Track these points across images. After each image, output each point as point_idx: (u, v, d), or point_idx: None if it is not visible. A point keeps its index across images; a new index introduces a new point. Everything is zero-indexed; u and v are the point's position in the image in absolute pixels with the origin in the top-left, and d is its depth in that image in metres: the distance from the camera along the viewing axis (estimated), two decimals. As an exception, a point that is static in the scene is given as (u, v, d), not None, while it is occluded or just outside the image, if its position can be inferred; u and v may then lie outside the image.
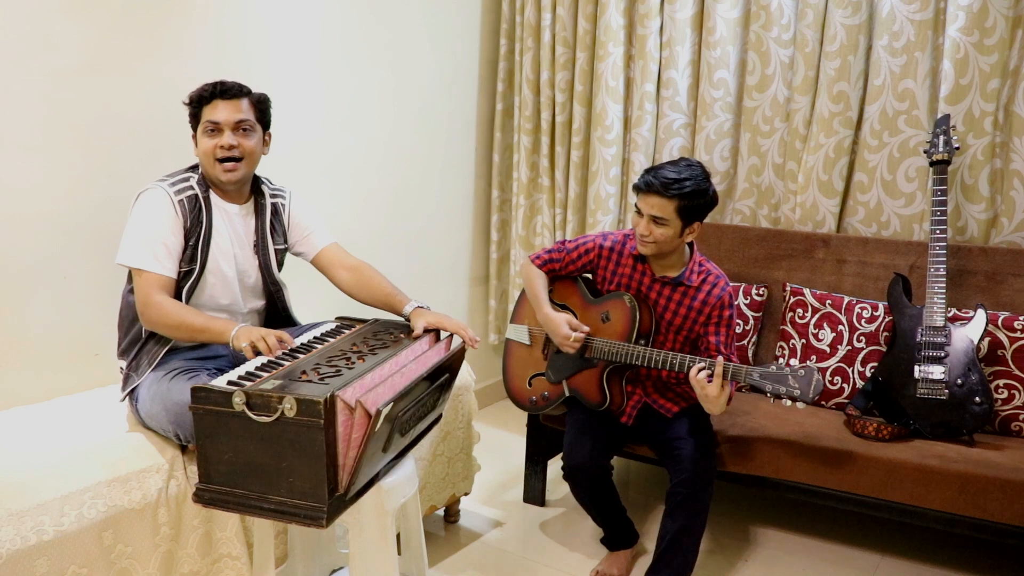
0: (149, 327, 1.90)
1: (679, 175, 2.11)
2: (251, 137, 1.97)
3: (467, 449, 2.56)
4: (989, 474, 2.09)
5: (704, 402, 2.10)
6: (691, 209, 2.12)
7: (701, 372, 2.06)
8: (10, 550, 1.55)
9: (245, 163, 1.96)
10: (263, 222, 2.08)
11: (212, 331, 1.84)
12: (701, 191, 2.12)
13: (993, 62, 2.53)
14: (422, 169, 3.27)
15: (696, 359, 2.10)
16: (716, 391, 2.04)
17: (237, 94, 1.95)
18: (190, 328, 1.85)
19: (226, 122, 1.92)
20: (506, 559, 2.48)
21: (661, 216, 2.12)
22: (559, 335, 2.27)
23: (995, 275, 2.54)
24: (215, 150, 1.93)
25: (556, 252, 2.40)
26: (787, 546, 2.58)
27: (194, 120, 1.97)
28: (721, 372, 2.04)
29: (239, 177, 1.97)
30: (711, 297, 2.23)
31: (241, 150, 1.94)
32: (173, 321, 1.85)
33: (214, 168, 1.94)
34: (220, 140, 1.92)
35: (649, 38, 3.08)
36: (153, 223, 1.88)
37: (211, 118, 1.92)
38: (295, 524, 1.61)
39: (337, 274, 2.16)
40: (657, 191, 2.11)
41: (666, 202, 2.11)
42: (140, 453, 1.82)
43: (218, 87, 1.93)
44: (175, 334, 1.89)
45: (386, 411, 1.56)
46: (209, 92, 1.93)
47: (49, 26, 2.07)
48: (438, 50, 3.25)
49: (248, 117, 1.96)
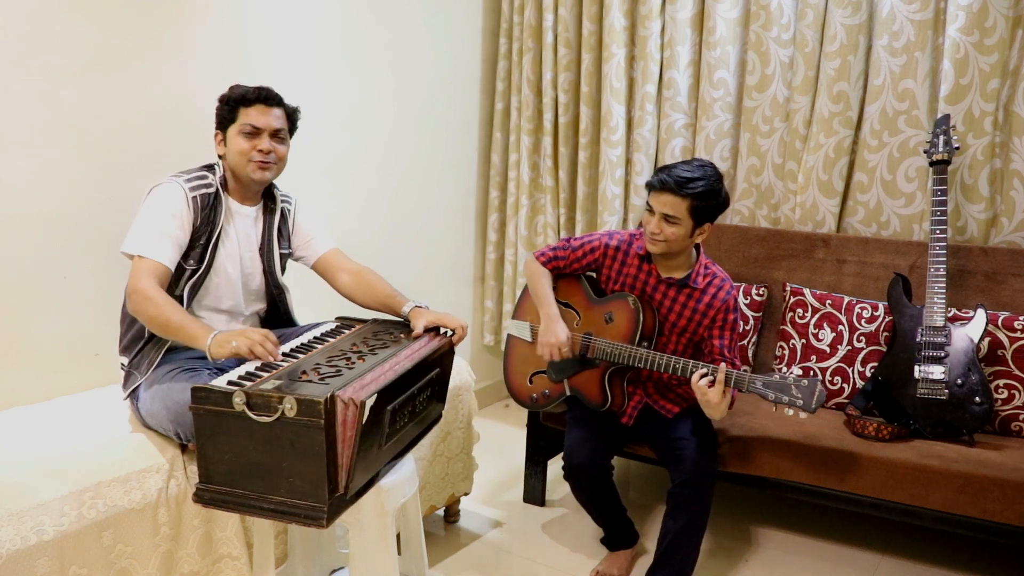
0: (131, 312, 1.86)
1: (692, 174, 2.11)
2: (285, 144, 2.02)
3: (467, 449, 2.56)
4: (989, 474, 2.09)
5: (705, 407, 2.10)
6: (703, 210, 2.13)
7: (703, 379, 2.06)
8: (10, 550, 1.55)
9: (276, 167, 2.01)
10: (271, 226, 2.10)
11: (188, 332, 1.76)
12: (714, 192, 2.12)
13: (993, 62, 2.54)
14: (422, 169, 3.27)
15: (699, 364, 2.10)
16: (718, 398, 2.04)
17: (277, 103, 2.00)
18: (167, 323, 1.78)
19: (266, 128, 1.96)
20: (506, 559, 2.48)
21: (673, 215, 2.12)
22: (553, 339, 2.26)
23: (995, 275, 2.54)
24: (252, 152, 1.95)
25: (561, 250, 2.39)
26: (787, 546, 2.58)
27: (227, 119, 1.97)
28: (723, 379, 2.04)
29: (270, 177, 2.01)
30: (716, 300, 2.23)
31: (276, 155, 1.98)
32: (154, 311, 1.79)
33: (246, 167, 1.96)
34: (259, 144, 1.95)
35: (650, 39, 3.08)
36: (162, 215, 1.88)
37: (252, 121, 1.95)
38: (295, 524, 1.61)
39: (338, 278, 2.17)
40: (671, 189, 2.10)
41: (679, 201, 2.11)
42: (140, 453, 1.82)
43: (263, 92, 1.97)
44: (152, 326, 1.83)
45: (370, 402, 1.56)
46: (254, 95, 1.95)
47: (49, 26, 2.07)
48: (438, 50, 3.25)
49: (283, 126, 2.01)
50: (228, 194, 2.01)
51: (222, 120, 1.99)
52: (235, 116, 1.96)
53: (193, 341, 1.75)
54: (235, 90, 1.97)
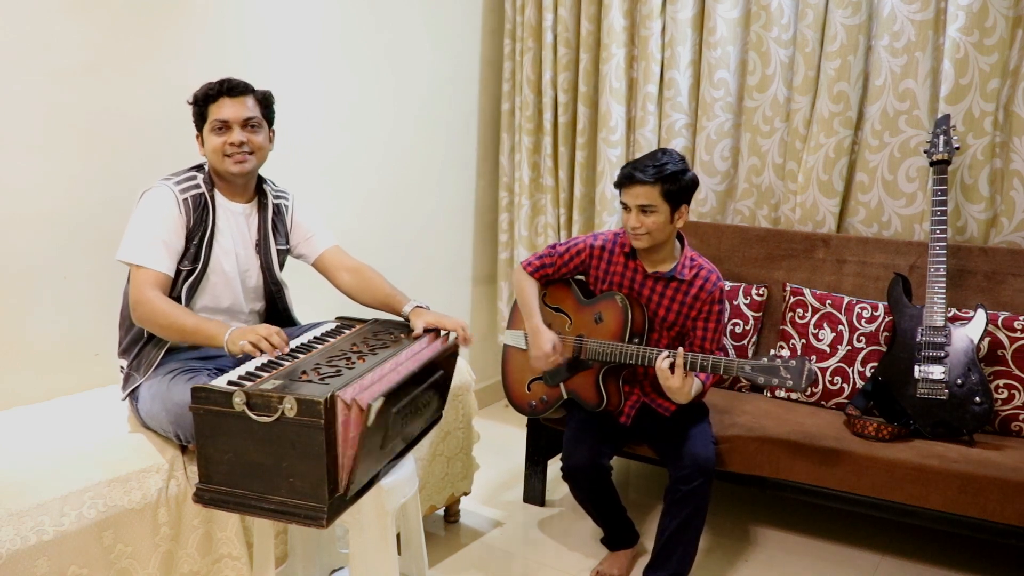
0: (139, 324, 1.88)
1: (656, 161, 2.16)
2: (259, 133, 1.98)
3: (467, 449, 2.56)
4: (989, 474, 2.09)
5: (668, 392, 2.11)
6: (675, 192, 2.16)
7: (665, 361, 2.08)
8: (10, 550, 1.55)
9: (255, 156, 1.98)
10: (265, 221, 2.08)
11: (204, 333, 1.81)
12: (681, 171, 2.16)
13: (993, 62, 2.53)
14: (422, 169, 3.27)
15: (662, 350, 2.12)
16: (678, 382, 2.06)
17: (244, 92, 1.96)
18: (181, 329, 1.82)
19: (234, 120, 1.93)
20: (506, 559, 2.48)
21: (648, 203, 2.14)
22: (541, 348, 2.27)
23: (995, 275, 2.54)
24: (224, 147, 1.93)
25: (548, 257, 2.40)
26: (787, 546, 2.58)
27: (199, 119, 1.96)
28: (682, 363, 2.06)
29: (249, 168, 1.98)
30: (703, 292, 2.24)
31: (251, 145, 1.96)
32: (164, 320, 1.82)
33: (223, 163, 1.94)
34: (229, 137, 1.93)
35: (651, 39, 3.08)
36: (155, 221, 1.88)
37: (219, 116, 1.92)
38: (295, 524, 1.61)
39: (338, 276, 2.17)
40: (639, 180, 2.14)
41: (650, 188, 2.14)
42: (140, 453, 1.82)
43: (224, 85, 1.93)
44: (165, 334, 1.86)
45: (377, 406, 1.56)
46: (216, 90, 1.93)
47: (49, 26, 2.07)
48: (438, 50, 3.25)
49: (255, 114, 1.97)
50: (217, 192, 2.00)
51: (197, 121, 1.97)
52: (205, 114, 1.94)
53: (211, 340, 1.80)
54: (200, 89, 1.95)
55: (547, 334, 2.29)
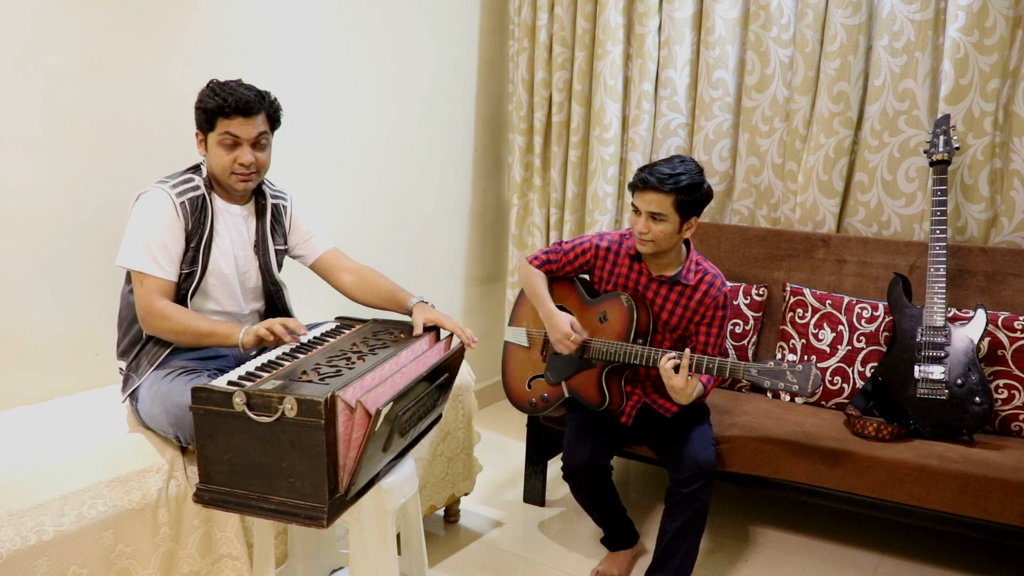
0: (152, 333, 1.90)
1: (674, 170, 2.13)
2: (267, 150, 1.98)
3: (467, 449, 2.56)
4: (989, 474, 2.09)
5: (671, 392, 2.11)
6: (688, 204, 2.14)
7: (669, 362, 2.08)
8: (10, 550, 1.55)
9: (259, 174, 1.98)
10: (263, 223, 2.08)
11: (219, 334, 1.85)
12: (696, 184, 2.14)
13: (993, 62, 2.54)
14: (423, 170, 3.27)
15: (667, 351, 2.12)
16: (681, 383, 2.06)
17: (258, 111, 1.92)
18: (196, 333, 1.86)
19: (246, 139, 1.91)
20: (506, 559, 2.48)
21: (659, 212, 2.13)
22: (560, 331, 2.27)
23: (995, 275, 2.54)
24: (233, 165, 1.91)
25: (553, 253, 2.40)
26: (787, 546, 2.58)
27: (206, 125, 1.92)
28: (687, 364, 2.06)
29: (254, 186, 2.00)
30: (707, 297, 2.24)
31: (258, 164, 1.94)
32: (178, 327, 1.85)
33: (229, 179, 1.94)
34: (239, 156, 1.90)
35: (647, 37, 3.08)
36: (154, 225, 1.88)
37: (230, 131, 1.89)
38: (295, 524, 1.61)
39: (339, 277, 2.17)
40: (654, 187, 2.12)
41: (663, 197, 2.12)
42: (140, 453, 1.82)
43: (240, 104, 1.87)
44: (180, 340, 1.88)
45: (386, 411, 1.56)
46: (231, 108, 1.87)
47: (49, 26, 2.07)
48: (439, 51, 3.25)
49: (265, 130, 1.95)
50: (215, 194, 1.99)
51: (202, 125, 1.93)
52: (214, 123, 1.90)
53: (226, 340, 1.85)
54: (211, 99, 1.89)
55: (563, 316, 2.29)
